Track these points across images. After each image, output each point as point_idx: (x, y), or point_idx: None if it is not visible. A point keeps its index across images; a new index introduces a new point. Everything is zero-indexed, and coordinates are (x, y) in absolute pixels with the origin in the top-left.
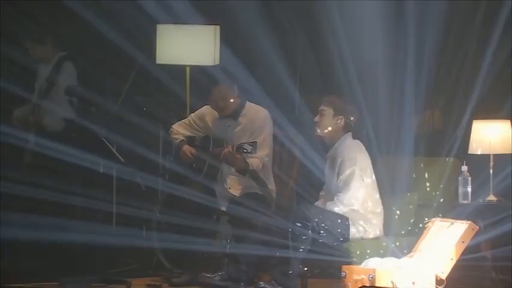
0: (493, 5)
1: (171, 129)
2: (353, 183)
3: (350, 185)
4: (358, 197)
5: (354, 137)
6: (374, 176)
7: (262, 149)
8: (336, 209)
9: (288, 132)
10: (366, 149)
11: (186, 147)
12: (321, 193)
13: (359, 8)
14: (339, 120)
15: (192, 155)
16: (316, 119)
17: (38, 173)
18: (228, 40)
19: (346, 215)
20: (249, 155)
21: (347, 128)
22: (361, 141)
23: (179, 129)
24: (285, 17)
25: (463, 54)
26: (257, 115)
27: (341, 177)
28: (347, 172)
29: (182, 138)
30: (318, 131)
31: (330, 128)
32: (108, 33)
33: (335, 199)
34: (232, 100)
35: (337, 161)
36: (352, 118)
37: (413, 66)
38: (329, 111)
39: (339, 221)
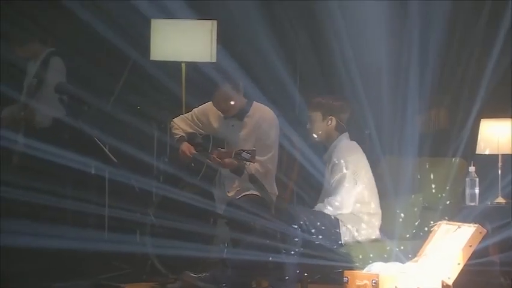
0: (498, 3)
1: (172, 123)
2: (343, 188)
3: (340, 189)
4: (348, 201)
5: (351, 138)
6: (371, 177)
7: (267, 155)
8: (325, 211)
9: (288, 133)
10: (369, 149)
11: (185, 145)
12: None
13: (362, 6)
14: (330, 122)
15: (190, 154)
16: (307, 126)
17: (27, 175)
18: (227, 38)
19: (337, 216)
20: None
21: (340, 128)
22: (364, 142)
23: (181, 124)
24: (286, 16)
25: (469, 53)
26: (263, 118)
27: (332, 180)
28: (338, 176)
29: (183, 134)
30: (312, 138)
31: (322, 132)
32: (101, 28)
33: (325, 201)
34: (233, 102)
35: (330, 164)
36: (343, 115)
37: (417, 65)
38: (316, 116)
39: (328, 222)
